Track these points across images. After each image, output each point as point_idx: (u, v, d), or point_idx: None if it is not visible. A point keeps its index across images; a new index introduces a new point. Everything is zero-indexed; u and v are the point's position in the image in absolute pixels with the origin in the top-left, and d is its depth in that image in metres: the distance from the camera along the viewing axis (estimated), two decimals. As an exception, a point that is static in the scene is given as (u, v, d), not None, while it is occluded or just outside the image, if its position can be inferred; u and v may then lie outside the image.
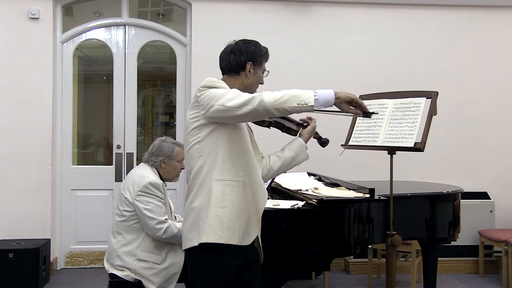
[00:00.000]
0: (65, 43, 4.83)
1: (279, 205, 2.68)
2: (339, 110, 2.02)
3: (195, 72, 4.74)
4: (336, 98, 1.94)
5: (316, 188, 3.07)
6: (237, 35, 2.38)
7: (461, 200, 3.51)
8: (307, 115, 2.20)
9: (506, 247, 4.31)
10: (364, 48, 4.92)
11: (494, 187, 4.94)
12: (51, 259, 4.58)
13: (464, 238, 4.60)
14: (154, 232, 2.84)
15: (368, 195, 2.87)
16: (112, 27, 4.92)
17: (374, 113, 2.19)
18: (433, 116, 2.60)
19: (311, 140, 2.36)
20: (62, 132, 4.81)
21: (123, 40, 4.91)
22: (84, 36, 4.90)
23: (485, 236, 4.58)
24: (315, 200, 2.70)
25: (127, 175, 3.35)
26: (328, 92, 1.93)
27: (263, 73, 2.24)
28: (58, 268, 4.78)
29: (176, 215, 3.21)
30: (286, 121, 2.35)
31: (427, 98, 2.64)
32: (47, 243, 4.41)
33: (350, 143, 2.86)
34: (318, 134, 2.41)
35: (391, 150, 2.72)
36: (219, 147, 2.05)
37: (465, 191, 3.65)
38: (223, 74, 2.23)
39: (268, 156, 2.30)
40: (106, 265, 2.93)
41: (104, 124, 5.38)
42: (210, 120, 2.04)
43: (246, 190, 2.08)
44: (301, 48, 4.87)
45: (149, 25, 4.95)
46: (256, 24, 4.78)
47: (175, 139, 3.45)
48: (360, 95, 2.97)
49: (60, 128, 4.80)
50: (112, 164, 4.89)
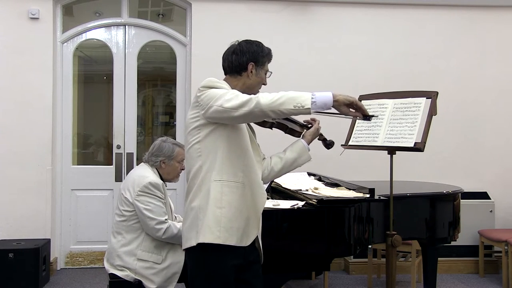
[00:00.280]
0: (65, 43, 4.83)
1: (279, 205, 2.68)
2: (338, 112, 1.99)
3: (195, 72, 4.74)
4: (334, 100, 1.91)
5: (316, 188, 3.07)
6: (237, 35, 2.38)
7: (461, 200, 3.51)
8: (311, 116, 2.18)
9: (506, 247, 4.31)
10: (364, 48, 4.92)
11: (494, 187, 4.94)
12: (51, 259, 4.58)
13: (464, 238, 4.60)
14: (154, 232, 2.83)
15: (368, 195, 2.87)
16: (112, 27, 4.92)
17: (374, 116, 2.17)
18: (433, 116, 2.60)
19: (313, 141, 2.35)
20: (62, 132, 4.81)
21: (123, 40, 4.91)
22: (84, 36, 4.90)
23: (485, 236, 4.58)
24: (315, 200, 2.70)
25: (127, 175, 3.35)
26: (326, 95, 1.90)
27: (265, 74, 2.22)
28: (58, 268, 4.78)
29: (176, 215, 3.21)
30: (289, 122, 2.33)
31: (427, 98, 2.64)
32: (47, 243, 4.41)
33: (350, 143, 2.86)
34: (323, 135, 2.39)
35: (391, 150, 2.72)
36: (218, 147, 2.04)
37: (465, 191, 3.66)
38: (226, 74, 2.22)
39: (270, 157, 2.29)
40: (106, 265, 2.93)
41: (104, 124, 5.38)
42: (209, 120, 2.03)
43: (245, 191, 2.07)
44: (301, 48, 4.87)
45: (149, 25, 4.95)
46: (256, 24, 4.78)
47: (175, 139, 3.45)
48: (360, 95, 2.98)
49: (60, 128, 4.80)
50: (112, 164, 4.89)
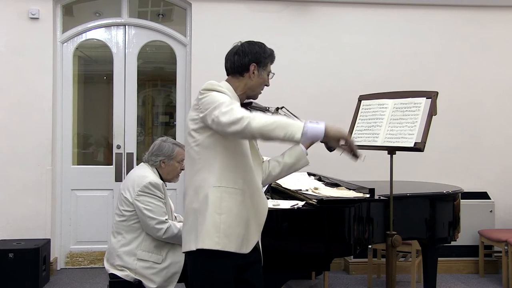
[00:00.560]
0: (65, 43, 4.83)
1: (279, 205, 2.68)
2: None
3: (195, 72, 4.74)
4: (325, 135, 1.88)
5: (316, 188, 3.07)
6: (237, 35, 2.38)
7: (461, 200, 3.51)
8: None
9: (506, 247, 4.31)
10: (364, 48, 4.92)
11: (494, 187, 4.94)
12: (51, 259, 4.58)
13: (464, 238, 4.60)
14: (154, 232, 2.83)
15: (368, 195, 2.87)
16: (112, 27, 4.92)
17: (361, 157, 2.01)
18: (433, 116, 2.61)
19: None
20: (62, 132, 4.81)
21: (123, 40, 4.91)
22: (84, 36, 4.90)
23: (485, 236, 4.58)
24: (315, 200, 2.69)
25: (127, 175, 3.34)
26: (318, 127, 1.87)
27: (268, 75, 2.21)
28: (58, 268, 4.78)
29: (176, 215, 3.21)
30: None
31: (427, 98, 2.64)
32: (47, 243, 4.41)
33: (350, 143, 2.86)
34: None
35: (391, 150, 2.72)
36: (217, 153, 2.02)
37: (465, 191, 3.66)
38: (228, 75, 2.21)
39: (268, 160, 2.28)
40: (106, 265, 2.93)
41: (104, 124, 5.38)
42: (207, 125, 2.03)
43: (245, 197, 2.05)
44: (301, 48, 4.87)
45: (149, 25, 4.95)
46: (256, 24, 4.79)
47: (175, 139, 3.44)
48: (360, 95, 2.98)
49: (60, 128, 4.80)
50: (112, 164, 4.89)
